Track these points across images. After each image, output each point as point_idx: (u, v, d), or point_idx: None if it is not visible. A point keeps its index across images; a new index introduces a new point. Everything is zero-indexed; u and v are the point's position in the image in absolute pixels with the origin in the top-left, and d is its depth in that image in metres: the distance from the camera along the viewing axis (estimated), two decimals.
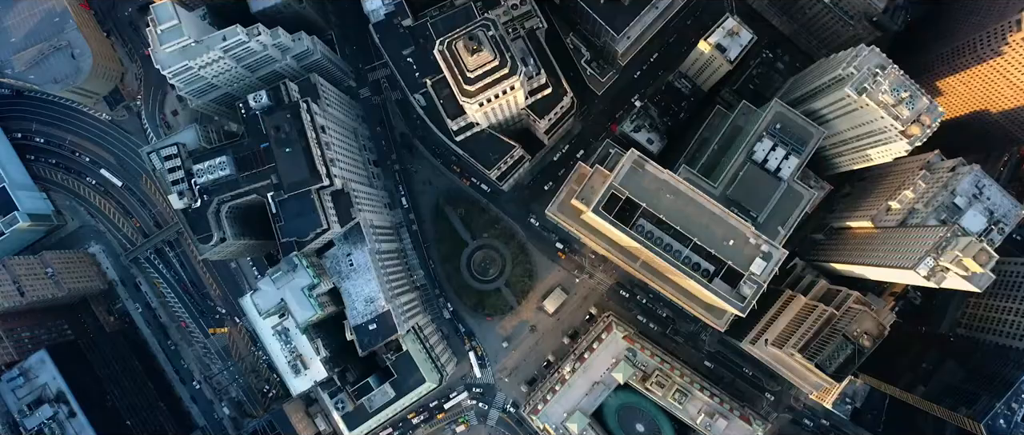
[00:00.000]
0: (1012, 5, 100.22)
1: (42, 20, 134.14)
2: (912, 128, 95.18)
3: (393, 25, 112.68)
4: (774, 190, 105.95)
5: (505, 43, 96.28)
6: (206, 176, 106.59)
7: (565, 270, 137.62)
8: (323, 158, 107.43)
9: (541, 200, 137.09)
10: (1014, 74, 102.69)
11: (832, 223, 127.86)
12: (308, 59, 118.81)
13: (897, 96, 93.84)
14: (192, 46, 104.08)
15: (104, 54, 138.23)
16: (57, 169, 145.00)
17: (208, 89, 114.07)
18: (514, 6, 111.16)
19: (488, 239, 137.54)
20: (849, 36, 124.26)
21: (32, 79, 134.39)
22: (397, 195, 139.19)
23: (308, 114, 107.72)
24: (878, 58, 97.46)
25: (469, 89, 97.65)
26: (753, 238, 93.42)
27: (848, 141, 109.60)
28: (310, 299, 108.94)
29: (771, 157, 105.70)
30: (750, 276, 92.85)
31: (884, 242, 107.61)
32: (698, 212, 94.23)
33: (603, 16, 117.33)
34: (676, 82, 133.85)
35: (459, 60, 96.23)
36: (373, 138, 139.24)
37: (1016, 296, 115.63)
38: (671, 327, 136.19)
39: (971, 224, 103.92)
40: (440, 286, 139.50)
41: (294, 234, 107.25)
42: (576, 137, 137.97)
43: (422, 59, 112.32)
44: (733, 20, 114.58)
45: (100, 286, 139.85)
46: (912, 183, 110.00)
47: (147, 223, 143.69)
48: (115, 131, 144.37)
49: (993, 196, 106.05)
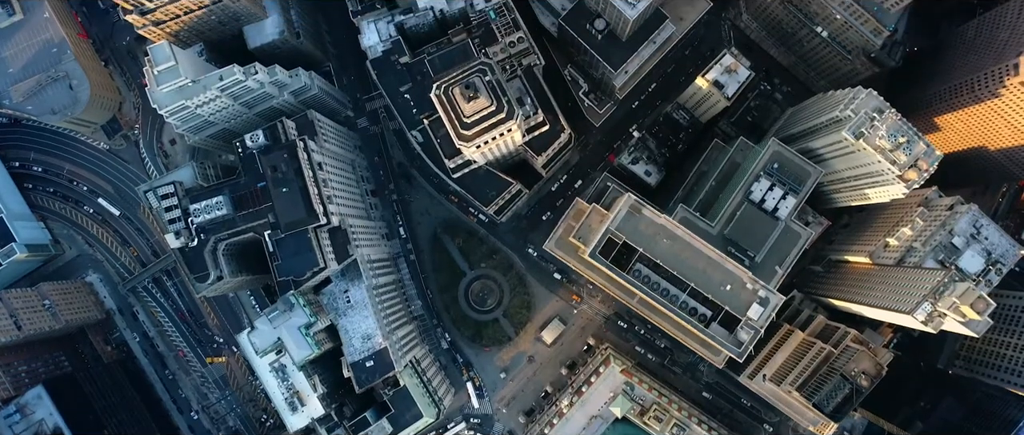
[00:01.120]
0: (1009, 48, 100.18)
1: (40, 51, 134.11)
2: (909, 173, 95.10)
3: (390, 62, 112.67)
4: (772, 230, 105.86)
5: (502, 87, 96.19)
6: (203, 216, 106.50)
7: (563, 300, 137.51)
8: (320, 196, 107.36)
9: (539, 230, 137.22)
10: (1012, 115, 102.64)
11: (830, 255, 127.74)
12: (305, 94, 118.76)
13: (894, 141, 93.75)
14: (189, 86, 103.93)
15: (102, 84, 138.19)
16: (55, 198, 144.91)
17: (205, 126, 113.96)
18: (511, 44, 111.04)
19: (486, 269, 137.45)
20: (847, 70, 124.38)
21: (30, 110, 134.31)
22: (395, 225, 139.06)
23: (305, 153, 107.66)
24: (875, 101, 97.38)
25: (466, 134, 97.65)
26: (750, 283, 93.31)
27: (846, 180, 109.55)
28: (307, 338, 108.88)
29: (768, 197, 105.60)
30: (747, 321, 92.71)
31: (882, 281, 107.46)
32: (695, 257, 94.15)
33: (601, 52, 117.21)
34: (674, 113, 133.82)
35: (456, 105, 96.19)
36: (371, 168, 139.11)
37: (1015, 330, 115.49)
38: (669, 358, 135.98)
39: (969, 265, 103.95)
40: (438, 316, 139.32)
41: (291, 273, 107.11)
42: (574, 167, 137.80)
43: (420, 96, 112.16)
44: (731, 57, 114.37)
45: (98, 316, 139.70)
46: (910, 220, 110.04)
47: (145, 252, 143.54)
48: (113, 160, 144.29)
49: (991, 236, 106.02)
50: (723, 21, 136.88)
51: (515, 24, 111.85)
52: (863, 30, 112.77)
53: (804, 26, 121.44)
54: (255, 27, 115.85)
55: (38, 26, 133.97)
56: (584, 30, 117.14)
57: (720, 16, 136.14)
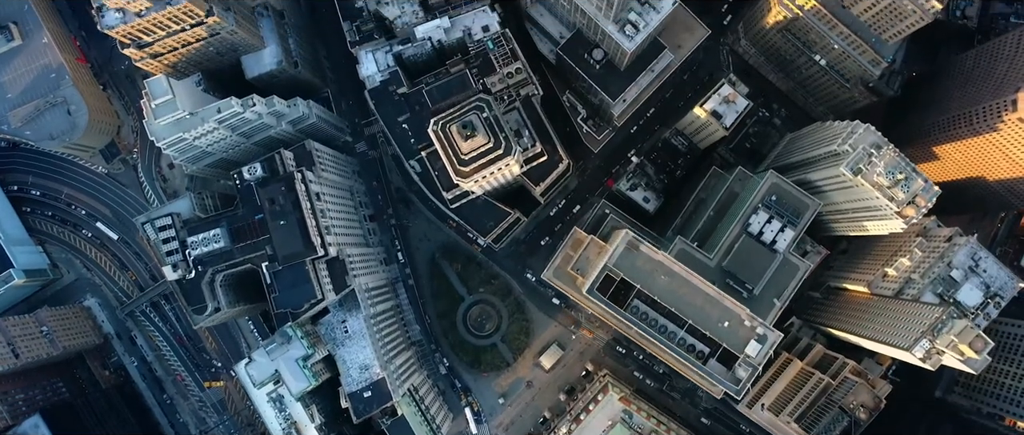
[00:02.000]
0: (1007, 82, 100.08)
1: (38, 76, 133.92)
2: (907, 209, 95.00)
3: (388, 92, 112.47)
4: (770, 262, 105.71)
5: (499, 123, 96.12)
6: (201, 248, 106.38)
7: (561, 326, 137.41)
8: (318, 228, 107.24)
9: (537, 255, 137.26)
10: (1010, 149, 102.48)
11: (829, 282, 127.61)
12: (304, 123, 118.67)
13: (892, 178, 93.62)
14: (186, 118, 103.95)
15: (100, 109, 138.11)
16: (53, 222, 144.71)
17: (203, 156, 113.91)
18: (509, 74, 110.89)
19: (484, 294, 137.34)
20: (845, 97, 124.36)
21: (28, 135, 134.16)
22: (393, 250, 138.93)
23: (302, 184, 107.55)
24: (873, 137, 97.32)
25: (463, 170, 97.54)
26: (748, 320, 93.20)
27: (844, 212, 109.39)
28: (305, 370, 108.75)
29: (766, 229, 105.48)
30: (745, 358, 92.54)
31: (880, 313, 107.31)
32: (693, 293, 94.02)
33: (599, 81, 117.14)
34: (672, 139, 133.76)
35: (453, 142, 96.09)
36: (369, 193, 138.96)
37: (1015, 359, 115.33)
38: (667, 383, 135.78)
39: (967, 298, 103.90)
40: (436, 342, 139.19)
41: (288, 305, 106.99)
42: (572, 192, 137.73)
43: (417, 126, 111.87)
44: (729, 86, 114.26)
45: (95, 341, 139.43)
46: (908, 250, 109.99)
47: (143, 276, 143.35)
48: (111, 184, 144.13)
49: (989, 268, 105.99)
50: (722, 47, 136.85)
51: (513, 54, 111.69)
52: (861, 60, 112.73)
53: (802, 54, 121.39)
54: (253, 57, 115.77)
55: (37, 51, 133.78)
56: (582, 60, 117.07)
57: (718, 42, 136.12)
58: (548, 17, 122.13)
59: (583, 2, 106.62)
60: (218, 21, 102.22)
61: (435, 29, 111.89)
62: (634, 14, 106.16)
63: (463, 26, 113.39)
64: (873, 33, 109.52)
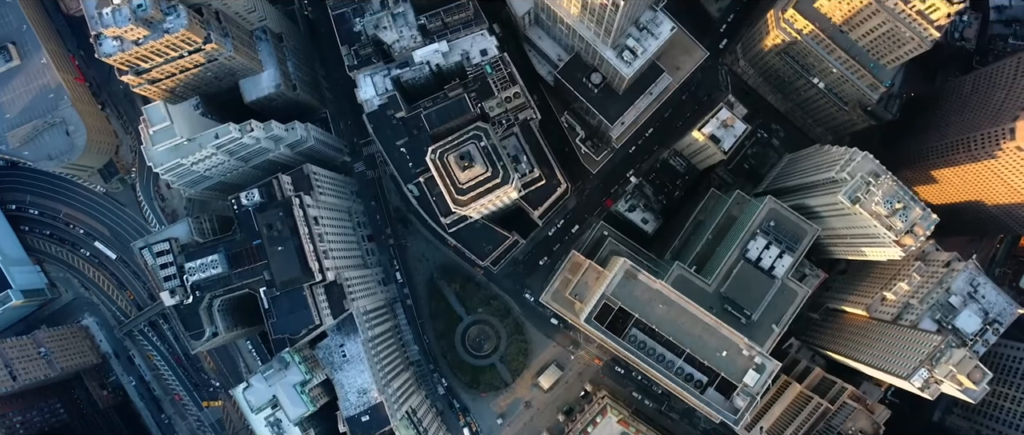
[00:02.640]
0: (1005, 110, 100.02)
1: (37, 96, 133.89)
2: (905, 238, 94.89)
3: (387, 116, 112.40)
4: (768, 288, 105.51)
5: (497, 152, 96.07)
6: (198, 274, 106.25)
7: (560, 346, 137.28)
8: (316, 253, 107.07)
9: (536, 275, 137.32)
10: (1008, 176, 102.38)
11: (827, 303, 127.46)
12: (302, 146, 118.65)
13: (890, 207, 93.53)
14: (184, 144, 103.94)
15: (99, 128, 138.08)
16: (51, 241, 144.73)
17: (201, 180, 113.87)
18: (507, 99, 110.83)
19: (483, 314, 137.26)
20: (844, 120, 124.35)
21: (26, 155, 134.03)
22: (392, 270, 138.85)
23: (300, 209, 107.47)
24: (871, 165, 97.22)
25: (461, 199, 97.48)
26: (746, 349, 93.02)
27: (843, 237, 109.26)
28: (302, 395, 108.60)
29: (765, 255, 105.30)
30: (744, 388, 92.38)
31: (878, 339, 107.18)
32: (691, 322, 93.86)
33: (597, 105, 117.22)
34: (671, 160, 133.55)
35: (451, 171, 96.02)
36: (368, 213, 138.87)
37: (1014, 382, 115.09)
38: (666, 404, 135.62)
39: (966, 325, 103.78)
40: (435, 362, 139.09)
41: (286, 331, 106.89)
42: (571, 212, 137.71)
43: (416, 150, 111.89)
44: (727, 110, 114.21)
45: (94, 360, 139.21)
46: (907, 275, 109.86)
47: (141, 296, 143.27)
48: (109, 203, 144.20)
49: (988, 294, 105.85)
50: (720, 67, 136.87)
51: (511, 78, 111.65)
52: (860, 84, 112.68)
53: (801, 77, 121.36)
54: (251, 80, 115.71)
55: (35, 72, 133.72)
56: (580, 83, 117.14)
57: (717, 62, 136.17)
58: (546, 40, 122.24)
59: (581, 28, 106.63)
60: (216, 47, 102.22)
61: (433, 53, 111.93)
62: (632, 40, 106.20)
63: (461, 50, 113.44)
64: (871, 58, 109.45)
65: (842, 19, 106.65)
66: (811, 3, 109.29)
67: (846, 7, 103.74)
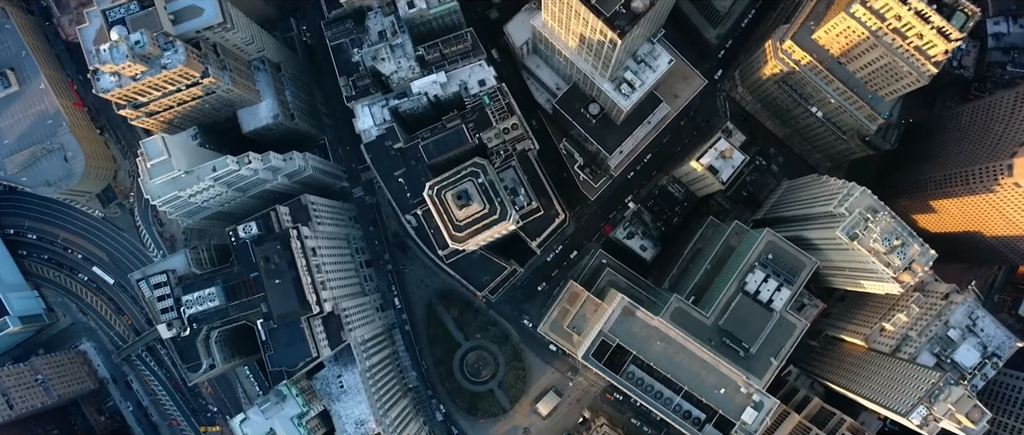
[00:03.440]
0: (1003, 145, 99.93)
1: (35, 122, 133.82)
2: (904, 275, 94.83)
3: (385, 147, 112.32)
4: (766, 321, 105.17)
5: (495, 188, 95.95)
6: (196, 307, 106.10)
7: (558, 372, 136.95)
8: (313, 285, 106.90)
9: (534, 301, 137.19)
10: (1007, 209, 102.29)
11: (826, 331, 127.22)
12: (300, 175, 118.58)
13: (888, 244, 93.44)
14: (182, 177, 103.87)
15: (97, 154, 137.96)
16: (49, 266, 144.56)
17: (198, 211, 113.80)
18: (505, 130, 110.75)
19: (481, 340, 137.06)
20: (842, 148, 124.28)
21: (24, 181, 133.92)
22: (390, 295, 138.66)
23: (298, 241, 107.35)
24: (869, 200, 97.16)
25: (458, 235, 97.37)
26: (744, 386, 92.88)
27: (841, 269, 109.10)
28: (300, 428, 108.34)
29: (763, 289, 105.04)
30: (742, 425, 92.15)
31: (877, 372, 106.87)
32: (689, 359, 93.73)
33: (595, 135, 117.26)
34: (669, 186, 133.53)
35: (448, 208, 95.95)
36: (366, 238, 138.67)
37: (1013, 412, 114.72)
38: (665, 430, 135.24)
39: (965, 359, 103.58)
40: (433, 388, 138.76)
41: (283, 364, 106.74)
42: (569, 238, 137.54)
43: (414, 180, 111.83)
44: (725, 141, 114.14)
45: (91, 386, 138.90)
46: (905, 306, 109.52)
47: (139, 321, 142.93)
48: (108, 228, 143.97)
49: (987, 328, 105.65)
50: (719, 93, 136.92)
51: (509, 109, 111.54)
52: (858, 115, 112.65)
53: (799, 105, 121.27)
54: (249, 111, 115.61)
55: (34, 97, 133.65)
56: (578, 113, 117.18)
57: (716, 88, 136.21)
58: (544, 69, 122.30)
59: (579, 60, 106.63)
60: (214, 81, 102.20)
61: (431, 84, 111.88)
62: (630, 73, 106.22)
63: (459, 80, 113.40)
64: (869, 90, 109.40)
65: (840, 51, 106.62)
66: (809, 34, 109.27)
67: (844, 40, 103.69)
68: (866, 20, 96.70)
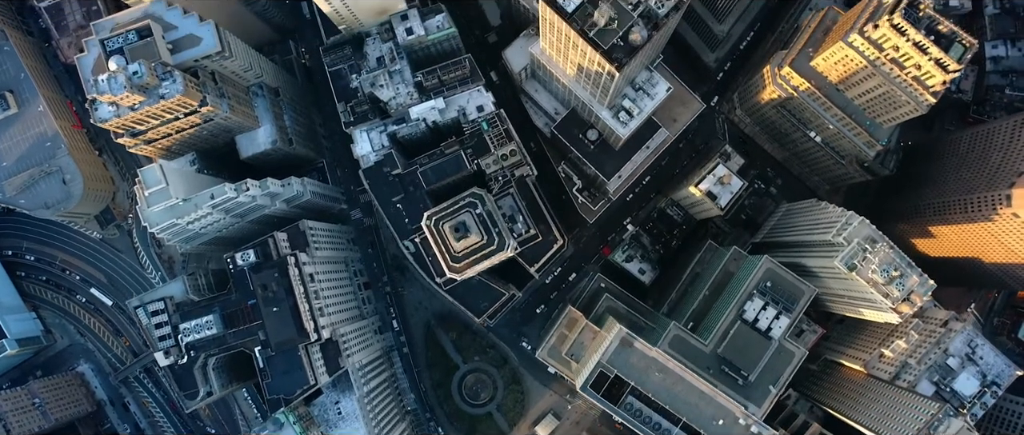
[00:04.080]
0: (1001, 175, 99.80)
1: (34, 145, 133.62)
2: (902, 306, 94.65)
3: (383, 173, 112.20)
4: (765, 349, 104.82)
5: (492, 218, 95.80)
6: (193, 335, 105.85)
7: (557, 395, 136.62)
8: (311, 312, 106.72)
9: (533, 323, 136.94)
10: (1005, 238, 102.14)
11: (825, 354, 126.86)
12: (298, 200, 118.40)
13: (887, 276, 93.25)
14: (180, 205, 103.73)
15: (96, 176, 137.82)
16: (47, 287, 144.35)
17: (196, 237, 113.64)
18: (504, 156, 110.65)
19: (480, 363, 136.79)
20: (840, 172, 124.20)
21: (22, 204, 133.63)
22: (388, 317, 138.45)
23: (296, 268, 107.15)
24: (868, 230, 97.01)
25: (456, 266, 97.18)
26: (743, 418, 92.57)
27: (840, 297, 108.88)
28: None
29: (762, 317, 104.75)
30: None
31: (876, 400, 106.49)
32: (687, 391, 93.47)
33: (593, 160, 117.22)
34: (668, 209, 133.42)
35: (446, 239, 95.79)
36: (364, 259, 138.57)
37: None
38: None
39: (964, 388, 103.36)
40: (431, 410, 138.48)
41: (281, 392, 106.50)
42: (568, 259, 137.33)
43: (412, 206, 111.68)
44: (724, 167, 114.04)
45: (88, 409, 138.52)
46: (905, 332, 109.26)
47: (137, 342, 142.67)
48: (106, 249, 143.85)
49: (986, 356, 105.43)
50: (718, 115, 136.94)
51: (508, 135, 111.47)
52: (856, 141, 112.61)
53: (797, 129, 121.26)
54: (247, 136, 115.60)
55: (32, 120, 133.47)
56: (577, 139, 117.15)
57: (714, 110, 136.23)
58: (543, 93, 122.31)
59: (577, 88, 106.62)
60: (212, 109, 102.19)
61: (429, 110, 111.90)
62: (628, 101, 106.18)
63: (458, 106, 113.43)
64: (868, 117, 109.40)
65: (838, 79, 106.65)
66: (807, 61, 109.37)
67: (842, 68, 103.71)
68: (864, 50, 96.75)
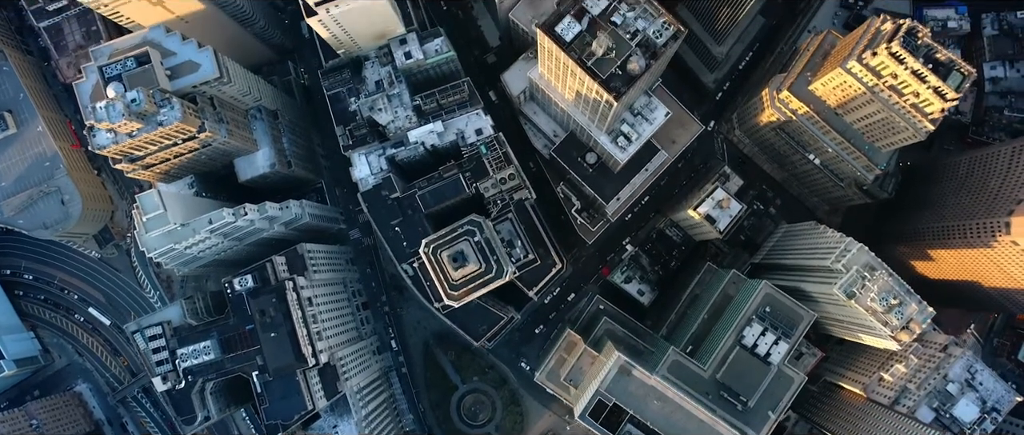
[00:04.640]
0: (1000, 201, 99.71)
1: (32, 165, 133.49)
2: (901, 334, 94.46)
3: (381, 196, 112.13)
4: (764, 375, 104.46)
5: (490, 246, 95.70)
6: (191, 360, 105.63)
7: (556, 415, 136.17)
8: (309, 337, 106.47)
9: (532, 343, 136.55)
10: (1004, 264, 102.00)
11: (825, 376, 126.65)
12: (297, 223, 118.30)
13: (886, 304, 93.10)
14: (178, 230, 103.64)
15: (94, 195, 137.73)
16: (45, 306, 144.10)
17: (194, 260, 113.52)
18: (502, 180, 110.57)
19: (478, 383, 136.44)
20: (839, 194, 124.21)
21: (21, 224, 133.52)
22: (386, 337, 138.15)
23: (294, 292, 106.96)
24: (866, 257, 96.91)
25: (454, 293, 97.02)
26: None
27: (840, 321, 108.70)
28: None
29: (760, 342, 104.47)
30: None
31: (875, 425, 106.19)
32: (686, 418, 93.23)
33: (592, 184, 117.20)
34: (667, 230, 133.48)
35: (444, 268, 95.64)
36: (363, 279, 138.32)
37: None
38: None
39: (964, 414, 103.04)
40: (430, 431, 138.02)
41: (279, 417, 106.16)
42: (567, 280, 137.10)
43: (410, 230, 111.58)
44: (722, 191, 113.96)
45: (86, 429, 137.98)
46: (904, 356, 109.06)
47: (135, 362, 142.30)
48: (104, 269, 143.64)
49: (986, 381, 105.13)
50: (717, 135, 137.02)
51: (506, 158, 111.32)
52: (855, 165, 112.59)
53: (796, 152, 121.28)
54: (246, 160, 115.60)
55: (31, 140, 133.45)
56: (575, 162, 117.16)
57: (713, 131, 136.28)
58: (542, 116, 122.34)
59: (575, 113, 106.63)
60: (210, 135, 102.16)
61: (428, 133, 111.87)
62: (626, 126, 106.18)
63: (456, 129, 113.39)
64: (867, 141, 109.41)
65: (837, 103, 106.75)
66: (806, 85, 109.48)
67: (840, 93, 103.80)
68: (862, 76, 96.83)
